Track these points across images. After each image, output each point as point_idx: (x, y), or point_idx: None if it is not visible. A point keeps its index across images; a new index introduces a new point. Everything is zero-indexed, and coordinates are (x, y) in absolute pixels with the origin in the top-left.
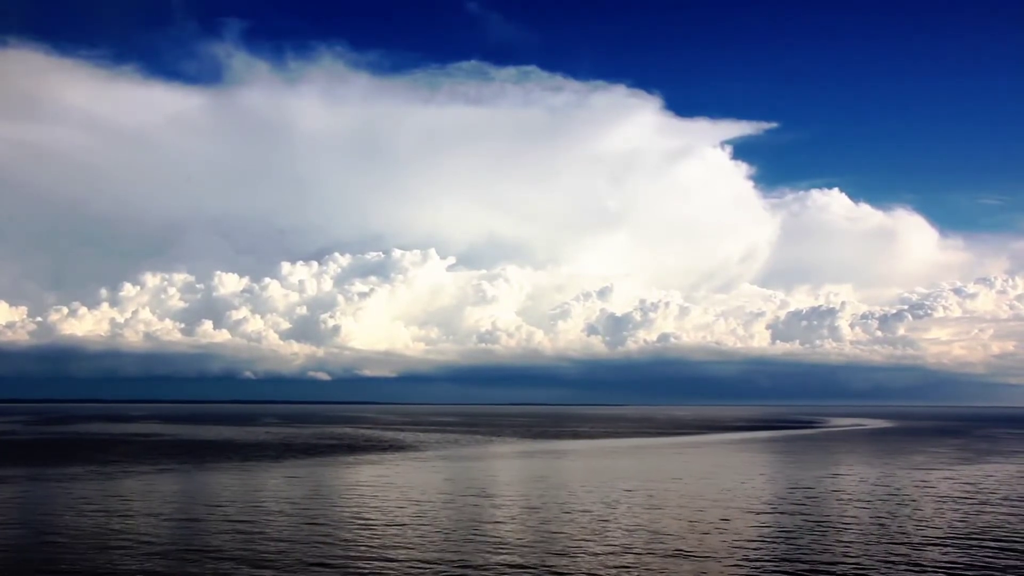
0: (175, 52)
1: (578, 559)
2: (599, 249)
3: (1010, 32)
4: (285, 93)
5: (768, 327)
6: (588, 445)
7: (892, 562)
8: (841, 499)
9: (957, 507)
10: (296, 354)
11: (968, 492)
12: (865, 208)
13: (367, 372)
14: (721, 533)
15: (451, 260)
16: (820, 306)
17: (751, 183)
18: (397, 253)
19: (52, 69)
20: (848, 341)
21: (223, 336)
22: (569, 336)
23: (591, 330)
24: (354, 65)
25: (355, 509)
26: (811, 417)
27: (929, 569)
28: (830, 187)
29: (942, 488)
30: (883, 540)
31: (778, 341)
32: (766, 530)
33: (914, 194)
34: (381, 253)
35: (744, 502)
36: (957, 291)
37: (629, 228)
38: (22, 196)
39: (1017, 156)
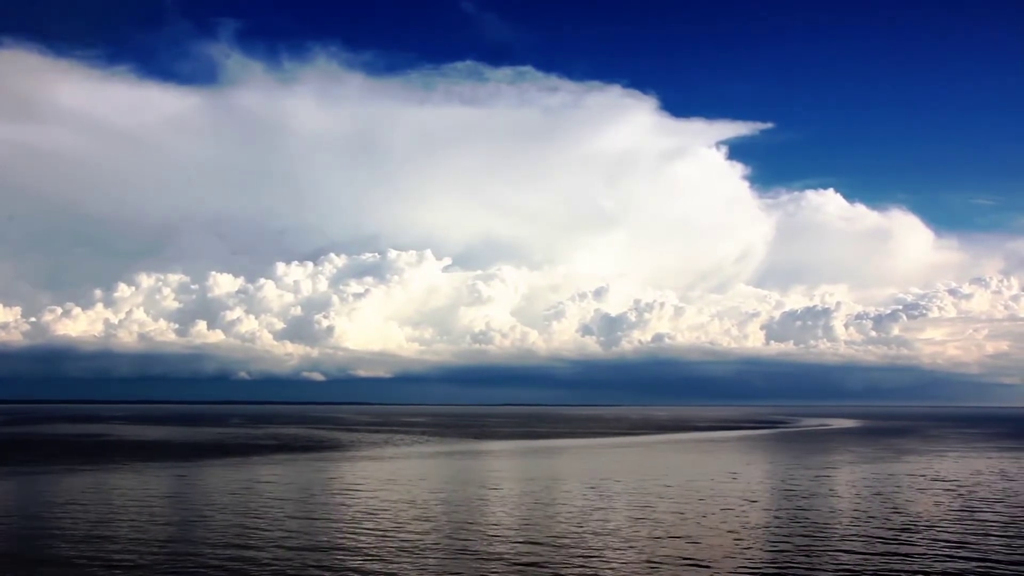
0: (170, 53)
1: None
2: (594, 249)
3: (1006, 33)
4: (280, 93)
5: (763, 327)
6: (520, 446)
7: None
8: (701, 497)
9: (790, 504)
10: (290, 355)
11: (823, 489)
12: (860, 208)
13: (361, 372)
14: (538, 531)
15: (447, 261)
16: (815, 306)
17: (746, 183)
18: (393, 254)
19: (46, 69)
20: (843, 341)
21: (217, 336)
22: (563, 336)
23: (585, 330)
24: (349, 65)
25: (208, 507)
26: (786, 417)
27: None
28: (825, 187)
29: (813, 486)
30: (688, 534)
31: (773, 341)
32: (579, 529)
33: (909, 194)
34: (376, 254)
35: (600, 501)
36: (952, 291)
37: (624, 228)
38: (16, 196)
39: (1012, 156)
